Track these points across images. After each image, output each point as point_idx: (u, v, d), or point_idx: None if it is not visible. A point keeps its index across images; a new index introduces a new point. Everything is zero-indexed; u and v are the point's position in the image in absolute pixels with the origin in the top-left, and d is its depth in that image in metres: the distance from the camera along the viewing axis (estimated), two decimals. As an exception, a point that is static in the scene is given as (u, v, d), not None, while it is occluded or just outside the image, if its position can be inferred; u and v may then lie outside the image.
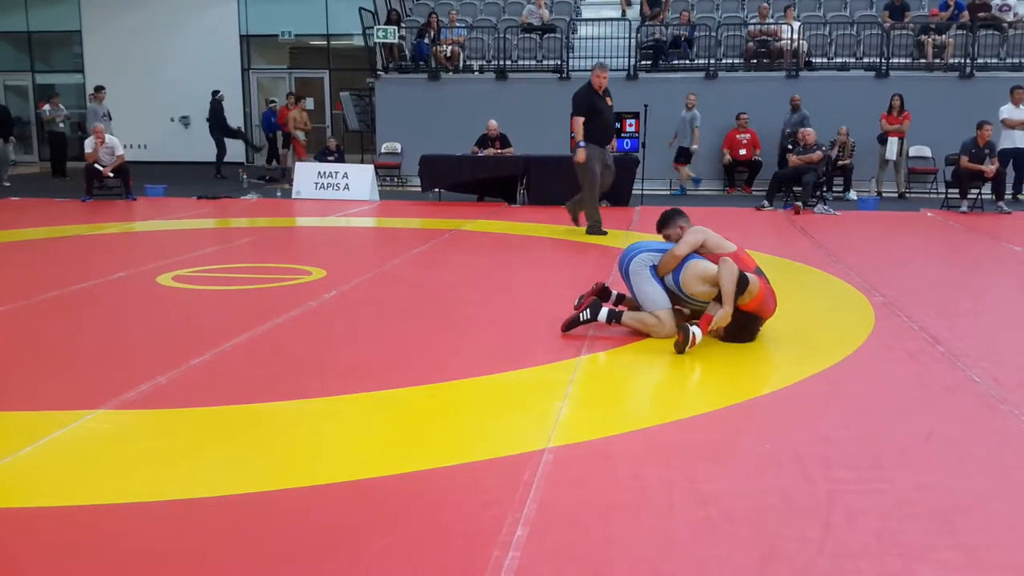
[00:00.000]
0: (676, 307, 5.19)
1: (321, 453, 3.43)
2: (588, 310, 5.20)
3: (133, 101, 19.19)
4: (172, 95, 20.43)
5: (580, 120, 9.51)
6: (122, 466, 3.32)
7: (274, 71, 21.93)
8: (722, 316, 4.81)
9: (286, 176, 16.21)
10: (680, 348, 4.75)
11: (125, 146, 13.82)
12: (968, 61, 15.28)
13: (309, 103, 20.91)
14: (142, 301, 6.33)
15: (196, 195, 13.78)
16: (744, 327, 5.00)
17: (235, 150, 18.85)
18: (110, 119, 15.85)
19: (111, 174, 13.18)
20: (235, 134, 18.29)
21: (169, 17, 21.16)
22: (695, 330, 4.77)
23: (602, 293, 5.48)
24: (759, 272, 5.13)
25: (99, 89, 16.40)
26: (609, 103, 9.70)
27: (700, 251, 5.15)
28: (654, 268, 5.17)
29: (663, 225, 5.44)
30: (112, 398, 4.00)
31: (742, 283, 4.83)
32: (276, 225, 10.85)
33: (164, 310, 6.06)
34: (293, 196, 14.06)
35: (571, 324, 5.21)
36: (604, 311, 5.21)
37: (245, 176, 15.97)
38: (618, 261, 5.48)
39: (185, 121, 21.05)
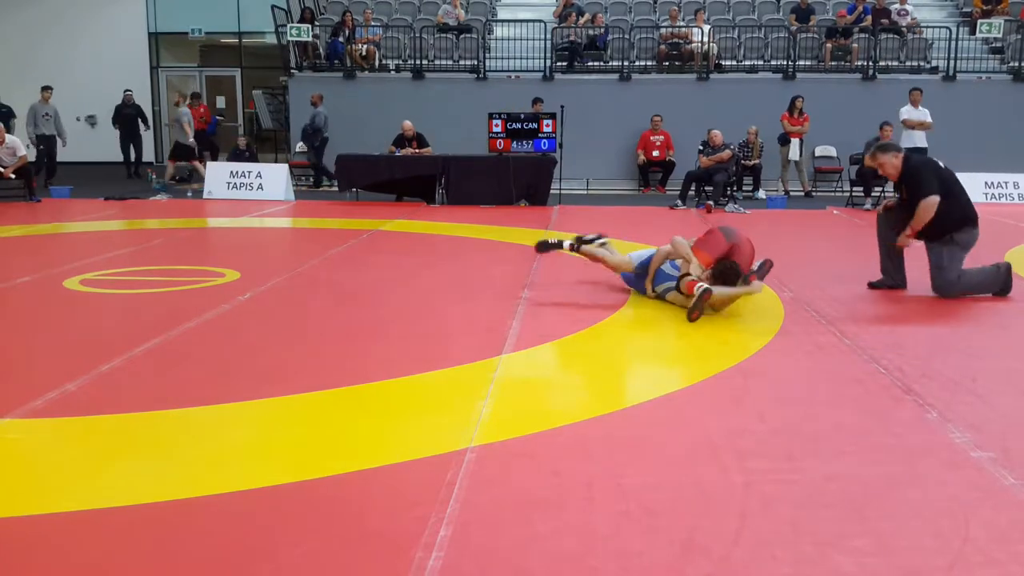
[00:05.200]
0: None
1: (237, 459, 3.37)
2: (566, 242, 6.69)
3: (36, 100, 18.47)
4: (78, 94, 19.69)
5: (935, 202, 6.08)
6: (30, 477, 3.21)
7: (184, 69, 21.42)
8: (691, 266, 5.85)
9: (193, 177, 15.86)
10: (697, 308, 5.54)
11: (27, 146, 13.33)
12: (870, 64, 15.82)
13: (220, 101, 20.50)
14: (49, 306, 6.12)
15: (103, 196, 13.39)
16: (723, 272, 5.74)
17: (145, 150, 18.38)
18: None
19: (13, 175, 12.73)
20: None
21: (74, 14, 20.47)
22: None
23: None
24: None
25: (46, 89, 15.85)
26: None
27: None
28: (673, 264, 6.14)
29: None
30: (19, 406, 3.86)
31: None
32: (188, 226, 10.60)
33: (72, 315, 5.88)
34: (205, 196, 13.78)
35: (545, 247, 6.80)
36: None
37: (154, 176, 15.57)
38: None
39: (91, 120, 20.39)
